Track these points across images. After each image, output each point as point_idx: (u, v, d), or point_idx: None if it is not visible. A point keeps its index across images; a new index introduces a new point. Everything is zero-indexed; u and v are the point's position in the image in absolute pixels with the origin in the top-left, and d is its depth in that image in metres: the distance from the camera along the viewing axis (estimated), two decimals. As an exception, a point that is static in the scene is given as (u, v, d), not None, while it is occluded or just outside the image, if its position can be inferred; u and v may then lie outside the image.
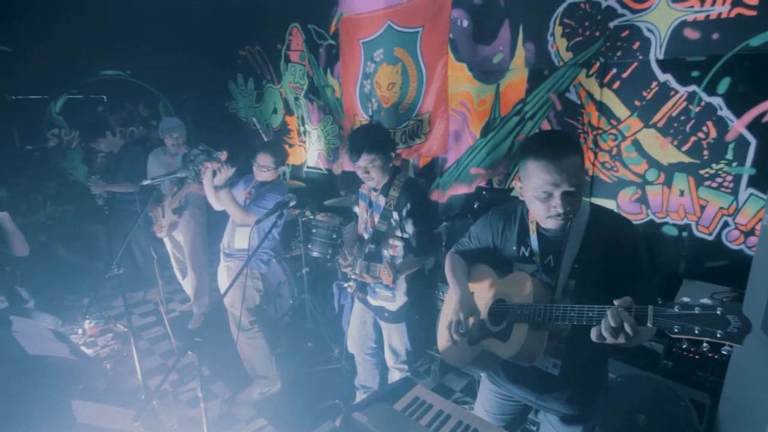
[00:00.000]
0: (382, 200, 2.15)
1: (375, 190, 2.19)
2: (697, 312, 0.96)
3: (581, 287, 1.30)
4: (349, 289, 2.29)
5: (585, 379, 1.43)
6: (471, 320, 1.45)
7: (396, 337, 2.30)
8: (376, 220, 2.16)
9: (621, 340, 1.05)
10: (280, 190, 2.68)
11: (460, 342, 1.47)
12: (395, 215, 2.11)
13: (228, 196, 2.51)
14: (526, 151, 1.28)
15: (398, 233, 2.14)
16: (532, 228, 1.39)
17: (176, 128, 3.61)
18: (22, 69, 4.48)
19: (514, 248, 1.45)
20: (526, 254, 1.42)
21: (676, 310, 0.98)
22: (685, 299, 0.99)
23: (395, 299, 2.19)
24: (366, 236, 2.26)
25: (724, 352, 0.94)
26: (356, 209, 2.42)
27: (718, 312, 0.93)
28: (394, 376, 2.41)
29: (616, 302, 1.08)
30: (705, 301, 0.97)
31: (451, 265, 1.64)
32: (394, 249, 2.17)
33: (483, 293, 1.55)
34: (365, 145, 2.01)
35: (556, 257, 1.34)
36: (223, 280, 2.85)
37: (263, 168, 2.65)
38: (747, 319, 0.91)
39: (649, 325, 1.02)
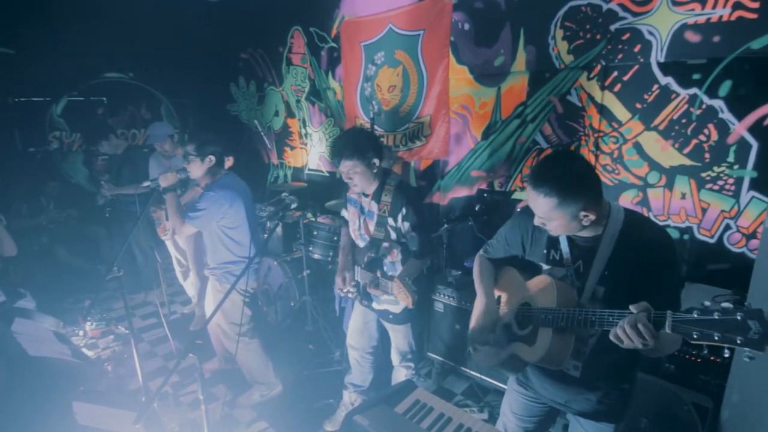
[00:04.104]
0: (374, 206, 2.11)
1: (365, 195, 2.14)
2: (716, 318, 0.93)
3: (609, 294, 1.28)
4: (350, 294, 2.26)
5: (612, 382, 1.40)
6: (502, 309, 1.47)
7: (401, 337, 2.31)
8: (372, 227, 2.13)
9: (638, 344, 1.05)
10: (221, 185, 2.43)
11: (483, 350, 1.49)
12: (391, 221, 2.07)
13: (171, 200, 2.41)
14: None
15: (394, 237, 2.11)
16: None
17: (161, 137, 3.56)
18: (24, 71, 4.50)
19: (544, 251, 1.43)
20: (557, 257, 1.40)
21: (695, 315, 0.96)
22: (706, 303, 0.97)
23: (399, 302, 2.17)
24: (361, 243, 2.23)
25: (746, 359, 0.91)
26: (345, 213, 2.36)
27: (738, 317, 0.90)
28: (400, 374, 2.42)
29: (632, 307, 1.07)
30: (726, 305, 0.93)
31: (479, 269, 1.65)
32: (393, 255, 2.15)
33: (509, 297, 1.55)
34: (344, 151, 1.96)
35: (586, 262, 1.32)
36: (208, 298, 2.82)
37: (186, 159, 2.43)
38: None
39: (667, 330, 1.00)
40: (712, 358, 2.12)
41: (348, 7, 4.13)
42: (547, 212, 1.25)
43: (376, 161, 2.03)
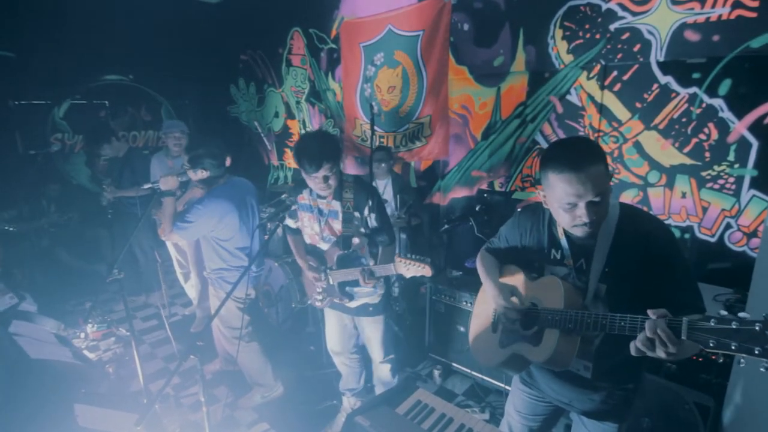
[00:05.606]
0: (336, 205, 2.10)
1: (321, 197, 2.12)
2: (734, 327, 0.92)
3: (613, 291, 1.27)
4: (317, 303, 2.23)
5: (617, 382, 1.39)
6: (515, 300, 1.42)
7: (382, 328, 2.32)
8: (338, 226, 2.12)
9: (661, 353, 1.02)
10: (215, 196, 2.40)
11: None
12: (357, 214, 2.08)
13: (168, 205, 2.40)
14: (545, 162, 1.24)
15: (362, 231, 2.13)
16: (560, 231, 1.36)
17: (177, 127, 3.66)
18: (25, 74, 4.51)
19: (545, 251, 1.42)
20: (558, 257, 1.38)
21: (712, 324, 0.94)
22: (723, 312, 0.96)
23: (377, 290, 2.22)
24: (325, 245, 2.19)
25: (762, 369, 0.89)
26: (291, 222, 2.29)
27: (757, 328, 0.89)
28: (385, 370, 2.41)
29: (650, 312, 1.05)
30: (743, 315, 0.93)
31: (483, 263, 1.62)
32: (363, 249, 2.16)
33: (514, 296, 1.53)
34: (324, 156, 1.92)
35: (588, 260, 1.30)
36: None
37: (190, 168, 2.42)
38: None
39: (683, 338, 0.98)
40: (713, 357, 2.12)
41: (347, 8, 4.14)
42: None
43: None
